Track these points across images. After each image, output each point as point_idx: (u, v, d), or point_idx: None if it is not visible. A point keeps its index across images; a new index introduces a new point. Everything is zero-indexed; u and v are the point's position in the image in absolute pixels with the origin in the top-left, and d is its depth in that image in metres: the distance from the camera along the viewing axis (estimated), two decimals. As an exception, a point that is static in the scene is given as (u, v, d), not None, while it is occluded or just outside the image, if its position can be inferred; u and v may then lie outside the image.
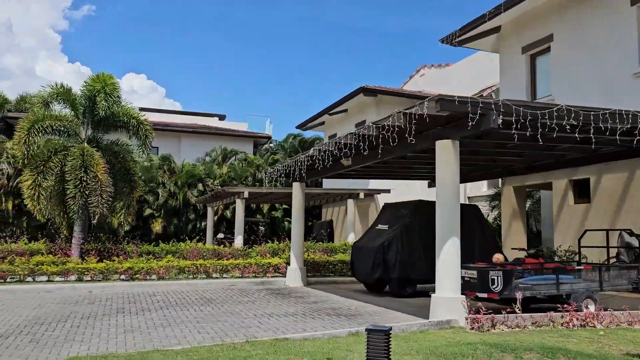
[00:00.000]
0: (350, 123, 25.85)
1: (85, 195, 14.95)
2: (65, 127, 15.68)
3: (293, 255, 13.86)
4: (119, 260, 14.09)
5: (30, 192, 14.82)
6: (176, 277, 13.51)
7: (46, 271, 12.58)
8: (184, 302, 10.52)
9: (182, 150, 33.30)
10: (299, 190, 14.05)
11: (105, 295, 11.34)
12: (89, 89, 15.61)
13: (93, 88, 15.43)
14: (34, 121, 14.98)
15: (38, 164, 15.07)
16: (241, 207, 20.29)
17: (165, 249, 16.59)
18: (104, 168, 15.41)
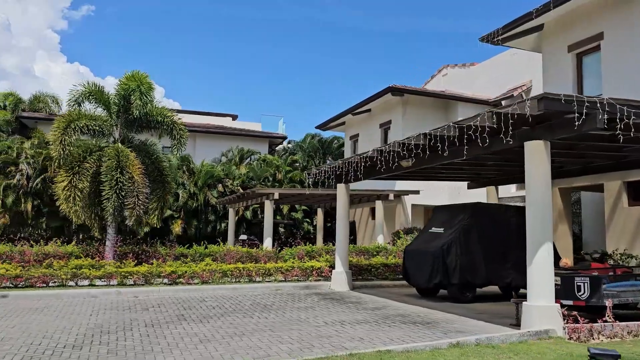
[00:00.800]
0: (374, 123, 25.53)
1: (121, 196, 14.59)
2: (100, 126, 15.30)
3: (338, 259, 13.50)
4: (157, 263, 13.71)
5: (65, 193, 14.45)
6: (219, 281, 13.14)
7: (88, 275, 12.20)
8: (240, 308, 10.16)
9: (197, 151, 32.86)
10: (344, 192, 13.70)
11: (154, 301, 10.97)
12: (123, 88, 15.23)
13: (128, 87, 15.06)
14: (69, 120, 14.60)
15: (73, 165, 14.70)
16: (270, 208, 19.93)
17: (198, 251, 16.23)
18: (140, 169, 15.05)
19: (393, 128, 23.82)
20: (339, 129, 29.88)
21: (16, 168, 24.96)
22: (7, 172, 24.83)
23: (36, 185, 24.51)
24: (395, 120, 23.67)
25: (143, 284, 12.49)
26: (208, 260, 14.48)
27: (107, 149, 15.24)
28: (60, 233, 25.98)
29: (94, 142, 16.05)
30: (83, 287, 11.95)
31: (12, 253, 14.69)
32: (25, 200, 24.49)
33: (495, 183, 15.59)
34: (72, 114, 14.94)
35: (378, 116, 25.17)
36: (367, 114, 25.94)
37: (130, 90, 14.99)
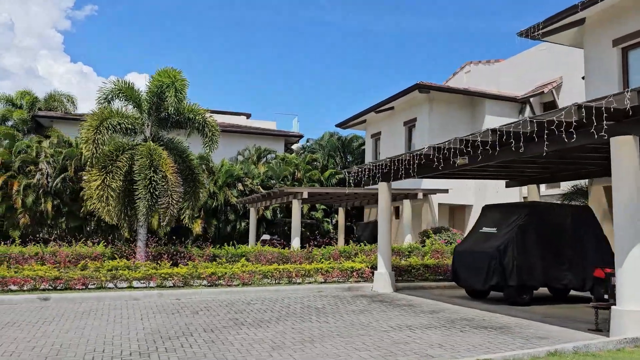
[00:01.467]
0: (398, 121, 25.14)
1: (155, 196, 14.24)
2: (132, 124, 14.95)
3: (381, 259, 13.14)
4: (193, 264, 13.37)
5: (98, 192, 14.10)
6: (259, 282, 12.78)
7: (128, 277, 11.85)
8: (293, 311, 9.80)
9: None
10: (386, 191, 13.32)
11: (199, 304, 10.62)
12: (156, 85, 14.88)
13: (162, 83, 14.70)
14: (102, 119, 14.25)
15: (107, 164, 14.35)
16: (298, 207, 19.56)
17: (230, 251, 15.90)
18: (173, 167, 14.71)
19: (418, 126, 23.44)
20: (359, 128, 29.49)
21: (36, 167, 24.67)
22: (26, 171, 24.54)
23: (56, 184, 24.22)
24: (420, 118, 23.28)
25: (182, 286, 12.13)
26: (243, 261, 14.12)
27: (139, 147, 14.89)
28: (80, 233, 25.72)
29: (123, 140, 15.70)
30: (122, 290, 11.60)
31: (43, 254, 14.38)
32: (45, 200, 24.20)
33: (537, 181, 15.18)
34: (104, 112, 14.58)
35: (402, 114, 24.78)
36: (390, 112, 25.55)
37: (165, 87, 14.62)
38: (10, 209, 23.87)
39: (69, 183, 24.84)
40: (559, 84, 21.56)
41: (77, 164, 24.85)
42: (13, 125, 31.20)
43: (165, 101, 15.31)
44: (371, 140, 27.87)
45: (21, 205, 23.65)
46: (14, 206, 23.69)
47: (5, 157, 24.28)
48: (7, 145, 25.00)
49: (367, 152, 28.20)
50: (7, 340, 7.23)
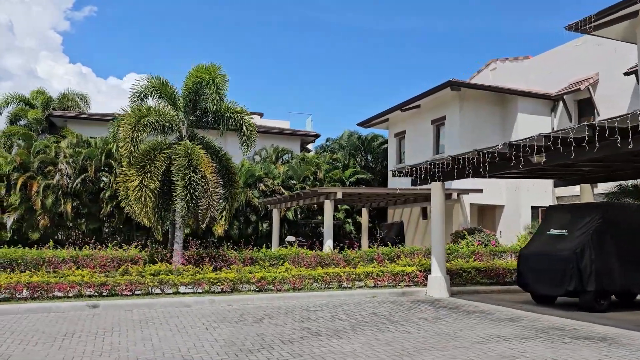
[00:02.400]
0: (424, 119, 24.57)
1: (195, 197, 13.65)
2: (170, 122, 14.35)
3: (436, 263, 12.56)
4: (237, 268, 12.78)
5: (136, 194, 13.48)
6: (310, 287, 12.18)
7: (175, 282, 11.24)
8: (363, 319, 9.20)
9: (228, 150, 31.86)
10: (440, 191, 12.75)
11: (257, 311, 10.03)
12: (193, 81, 14.27)
13: (200, 79, 14.09)
14: (140, 116, 13.64)
15: (145, 163, 13.75)
16: (330, 208, 18.96)
17: (268, 254, 15.32)
18: (212, 167, 14.12)
19: (448, 124, 22.87)
20: (380, 127, 28.93)
21: (55, 168, 24.09)
22: (45, 172, 23.96)
23: (76, 185, 23.64)
24: (450, 116, 22.71)
25: (231, 292, 11.52)
26: (286, 264, 13.51)
27: (176, 146, 14.30)
28: (99, 235, 25.14)
29: (158, 139, 15.10)
30: (170, 296, 10.99)
31: (78, 257, 13.78)
32: (65, 201, 23.61)
33: (590, 180, 14.59)
34: (142, 109, 13.96)
35: (429, 112, 24.21)
36: (416, 110, 24.99)
37: (205, 83, 14.01)
38: (30, 210, 23.29)
39: (89, 184, 24.28)
40: (595, 81, 21.00)
41: (97, 164, 24.30)
42: (26, 125, 30.63)
43: (202, 98, 14.76)
44: (395, 139, 27.29)
45: (40, 207, 23.06)
46: (33, 207, 23.11)
47: (24, 158, 23.69)
48: (25, 146, 24.39)
49: (391, 152, 27.63)
50: (77, 354, 6.64)
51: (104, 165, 24.60)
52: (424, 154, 24.48)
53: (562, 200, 22.36)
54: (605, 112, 20.75)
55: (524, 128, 22.28)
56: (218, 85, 13.88)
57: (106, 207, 23.97)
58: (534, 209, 22.25)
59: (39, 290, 10.25)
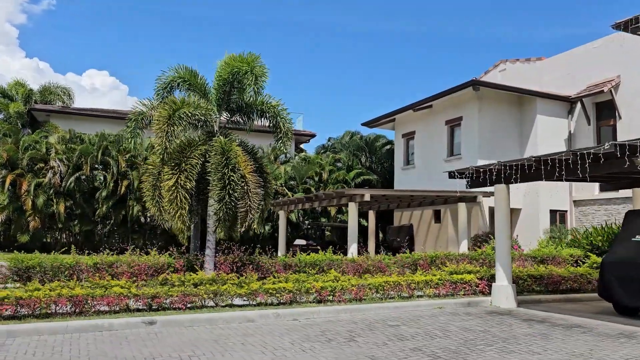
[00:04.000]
0: (437, 120, 23.89)
1: (235, 198, 12.46)
2: (204, 116, 13.08)
3: (501, 270, 11.74)
4: (285, 276, 11.66)
5: (172, 194, 12.17)
6: (372, 298, 11.16)
7: (232, 293, 10.04)
8: (463, 336, 8.26)
9: None
10: (505, 194, 11.94)
11: (334, 326, 8.98)
12: (228, 71, 13.04)
13: (238, 70, 12.88)
14: (174, 109, 12.34)
15: (180, 161, 12.45)
16: (354, 211, 17.99)
17: (304, 260, 14.25)
18: (251, 166, 12.96)
19: (465, 124, 22.23)
20: (385, 127, 28.14)
21: (46, 165, 22.36)
22: (35, 169, 22.18)
23: (69, 184, 21.96)
24: (468, 117, 22.07)
25: (289, 303, 10.40)
26: (333, 272, 12.46)
27: (212, 142, 13.07)
28: (91, 238, 23.50)
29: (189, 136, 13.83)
30: (228, 309, 9.79)
31: (101, 264, 12.37)
32: (58, 202, 21.92)
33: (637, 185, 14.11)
34: (176, 101, 12.64)
35: (442, 113, 23.55)
36: (427, 111, 24.30)
37: (242, 74, 12.82)
38: (18, 210, 21.51)
39: (84, 183, 22.62)
40: (617, 83, 20.73)
41: (93, 161, 22.68)
42: (5, 119, 28.55)
43: (236, 90, 13.58)
44: (402, 140, 26.53)
45: (31, 207, 21.31)
46: (22, 208, 21.36)
47: (12, 154, 21.83)
48: (12, 141, 22.52)
49: (398, 152, 26.85)
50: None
51: (100, 163, 22.98)
52: (436, 155, 23.82)
53: (581, 205, 22.05)
54: (627, 114, 20.52)
55: (543, 130, 21.90)
56: (257, 77, 12.69)
57: (102, 207, 22.37)
58: (552, 212, 21.85)
59: (82, 305, 8.92)
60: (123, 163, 22.76)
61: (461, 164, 22.23)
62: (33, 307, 8.57)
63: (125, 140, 23.86)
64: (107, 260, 12.51)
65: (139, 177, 22.75)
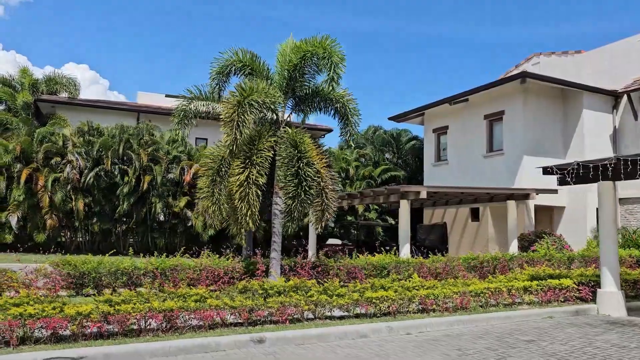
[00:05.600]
0: (474, 114, 22.87)
1: (310, 195, 11.24)
2: (273, 104, 11.80)
3: (609, 275, 10.73)
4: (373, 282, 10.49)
5: (242, 191, 10.88)
6: (475, 306, 10.05)
7: (334, 304, 8.82)
8: (619, 355, 7.22)
9: None
10: (612, 191, 10.93)
11: (459, 341, 7.85)
12: (301, 56, 11.81)
13: (312, 54, 11.63)
14: (244, 95, 11.02)
15: (251, 154, 11.16)
16: (407, 209, 16.87)
17: (371, 261, 13.14)
18: (325, 160, 11.76)
19: (508, 119, 21.24)
20: (413, 122, 27.08)
21: (62, 159, 20.82)
22: (51, 164, 20.63)
23: (89, 180, 20.48)
24: (511, 111, 21.09)
25: (391, 314, 9.24)
26: (415, 277, 11.28)
27: (280, 133, 11.83)
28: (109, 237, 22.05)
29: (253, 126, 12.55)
30: (335, 323, 8.60)
31: (163, 269, 11.07)
32: (76, 198, 20.42)
33: None
34: (244, 86, 11.30)
35: (480, 107, 22.54)
36: (462, 105, 23.28)
37: (317, 59, 11.57)
38: (34, 208, 19.95)
39: (104, 178, 21.15)
40: (670, 77, 19.95)
41: (115, 155, 21.21)
42: (9, 109, 26.87)
43: (305, 78, 12.36)
44: (433, 135, 25.46)
45: (48, 204, 19.79)
46: (39, 204, 19.81)
47: (26, 146, 20.25)
48: (26, 133, 20.93)
49: (427, 148, 25.78)
50: None
51: (122, 157, 21.51)
52: (472, 151, 22.84)
53: (627, 203, 21.27)
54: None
55: (590, 125, 21.04)
56: (335, 63, 11.46)
57: (122, 205, 20.89)
58: (597, 211, 20.99)
59: (175, 320, 7.64)
60: (145, 157, 21.32)
61: (503, 160, 21.30)
62: (122, 324, 7.27)
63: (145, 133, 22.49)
64: (167, 264, 11.20)
65: (162, 172, 21.46)
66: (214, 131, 27.66)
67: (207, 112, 13.54)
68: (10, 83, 27.73)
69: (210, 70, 12.57)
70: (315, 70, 12.23)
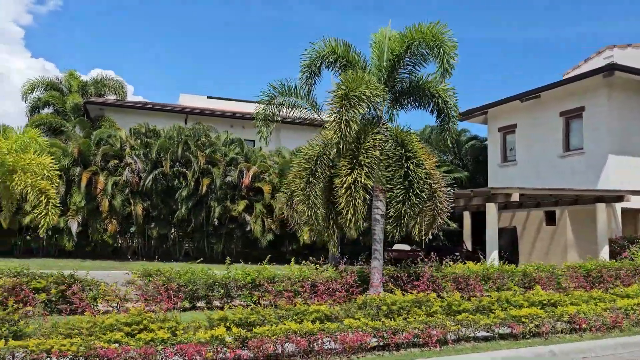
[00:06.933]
0: (546, 111, 21.54)
1: (422, 198, 10.13)
2: (377, 97, 10.69)
3: None
4: (499, 296, 9.32)
5: (349, 195, 9.80)
6: (630, 326, 8.83)
7: (481, 324, 7.67)
8: None
9: (282, 144, 28.14)
10: None
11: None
12: (407, 45, 10.70)
13: (419, 42, 10.52)
14: (349, 88, 9.95)
15: (358, 153, 10.09)
16: (494, 213, 15.67)
17: (473, 269, 11.97)
18: (434, 161, 10.67)
19: (588, 115, 19.85)
20: (474, 121, 25.81)
21: (120, 162, 20.09)
22: (108, 167, 19.90)
23: (148, 183, 19.70)
24: (593, 106, 19.69)
25: (538, 335, 8.05)
26: (538, 288, 10.12)
27: (380, 130, 10.75)
28: (165, 243, 21.27)
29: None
30: (486, 346, 7.46)
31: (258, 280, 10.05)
32: (135, 202, 19.64)
33: None
34: (349, 78, 10.21)
35: (555, 103, 21.18)
36: (532, 102, 21.94)
37: (424, 47, 10.48)
38: (94, 212, 19.22)
39: (162, 181, 20.35)
40: None
41: (174, 158, 20.41)
42: (57, 112, 26.39)
43: (406, 69, 11.27)
44: (498, 134, 24.16)
45: (108, 209, 19.04)
46: (99, 209, 19.06)
47: (85, 149, 19.55)
48: (84, 135, 20.25)
49: (492, 148, 24.48)
50: None
51: (181, 159, 20.69)
52: (545, 150, 21.50)
53: None
54: None
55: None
56: (446, 52, 10.32)
57: (181, 209, 20.05)
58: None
59: (312, 344, 6.59)
60: (202, 160, 20.48)
61: (584, 160, 19.91)
62: (259, 349, 6.23)
63: (202, 134, 21.66)
64: (266, 274, 10.19)
65: (220, 175, 20.58)
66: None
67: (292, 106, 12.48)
68: (58, 86, 27.29)
69: (301, 63, 11.59)
70: (419, 61, 11.14)
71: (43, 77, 27.48)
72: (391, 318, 8.40)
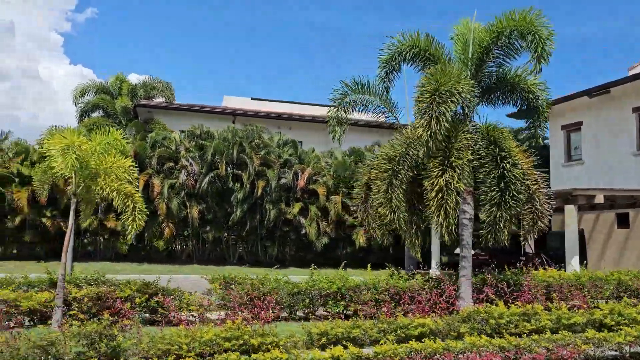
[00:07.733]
0: (617, 107, 20.26)
1: (518, 200, 9.35)
2: (468, 92, 9.94)
3: None
4: (620, 308, 8.42)
5: (440, 198, 9.09)
6: None
7: (606, 341, 6.89)
8: None
9: (331, 145, 27.47)
10: None
11: None
12: (496, 35, 9.93)
13: (511, 31, 9.73)
14: (438, 84, 9.24)
15: (449, 154, 9.36)
16: (574, 216, 14.69)
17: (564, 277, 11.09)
18: (529, 160, 9.86)
19: (667, 111, 18.61)
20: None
21: (175, 164, 19.83)
22: (164, 169, 19.67)
23: (203, 186, 19.38)
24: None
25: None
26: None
27: (469, 128, 10.01)
28: (219, 246, 20.97)
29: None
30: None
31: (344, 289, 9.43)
32: (191, 205, 19.34)
33: None
34: (438, 74, 9.52)
35: (628, 99, 19.93)
36: (599, 99, 20.73)
37: (516, 37, 9.69)
38: (151, 215, 18.94)
39: (218, 184, 20.03)
40: None
41: (229, 160, 20.06)
42: (107, 115, 26.38)
43: (495, 61, 10.50)
44: (561, 132, 22.97)
45: (165, 212, 18.79)
46: (156, 212, 18.81)
47: (141, 151, 19.34)
48: (140, 137, 20.08)
49: (555, 147, 23.29)
50: None
51: (236, 160, 20.31)
52: (615, 149, 20.26)
53: None
54: None
55: None
56: (542, 39, 9.50)
57: (236, 212, 19.67)
58: None
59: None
60: (257, 161, 20.04)
61: (661, 158, 18.71)
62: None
63: (256, 135, 21.24)
64: (351, 283, 9.57)
65: (275, 177, 20.11)
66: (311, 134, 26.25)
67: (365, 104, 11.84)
68: (108, 90, 27.33)
69: (379, 59, 10.93)
70: (509, 53, 10.34)
71: (94, 81, 27.55)
72: (498, 333, 7.70)
